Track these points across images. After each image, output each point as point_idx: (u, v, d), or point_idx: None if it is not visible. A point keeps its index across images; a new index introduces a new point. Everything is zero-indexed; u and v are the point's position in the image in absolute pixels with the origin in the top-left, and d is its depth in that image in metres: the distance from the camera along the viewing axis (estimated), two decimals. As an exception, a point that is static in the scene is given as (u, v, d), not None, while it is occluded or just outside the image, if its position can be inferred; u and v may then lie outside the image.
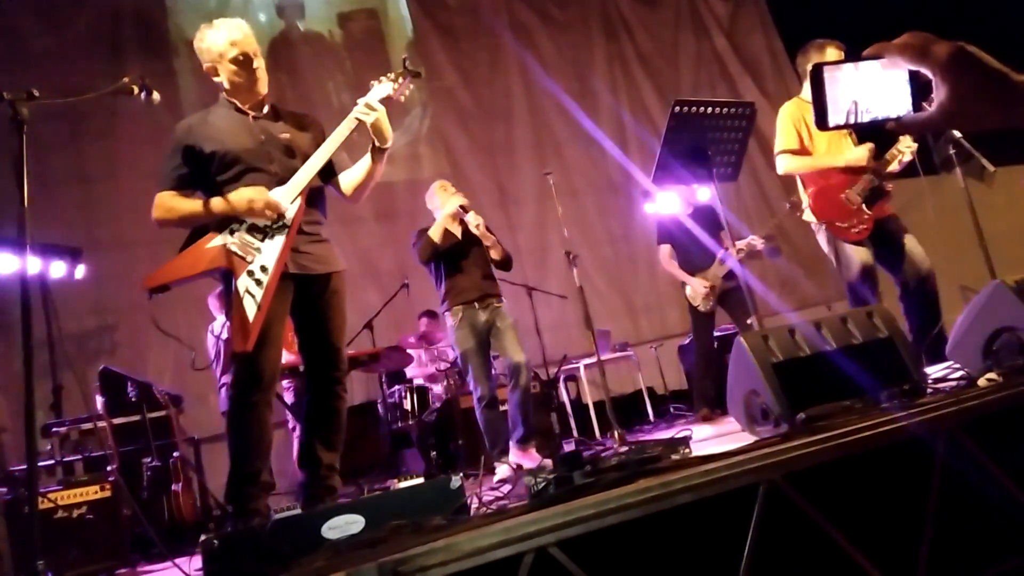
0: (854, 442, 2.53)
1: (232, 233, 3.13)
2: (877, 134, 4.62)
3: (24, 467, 5.34)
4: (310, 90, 8.52)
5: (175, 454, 5.52)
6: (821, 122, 1.20)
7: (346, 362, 3.39)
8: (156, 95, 3.01)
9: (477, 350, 5.08)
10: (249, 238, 3.12)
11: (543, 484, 2.39)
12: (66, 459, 5.65)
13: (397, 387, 6.86)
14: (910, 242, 4.60)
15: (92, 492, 4.54)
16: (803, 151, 4.69)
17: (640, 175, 8.39)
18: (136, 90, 2.95)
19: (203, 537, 2.27)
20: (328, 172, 3.43)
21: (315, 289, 3.30)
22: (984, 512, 2.68)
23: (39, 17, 7.65)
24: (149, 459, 5.57)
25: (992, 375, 2.97)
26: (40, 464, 5.66)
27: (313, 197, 3.35)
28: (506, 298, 7.39)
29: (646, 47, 10.27)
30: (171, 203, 3.20)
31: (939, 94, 1.10)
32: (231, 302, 3.04)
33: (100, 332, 7.34)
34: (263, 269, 3.07)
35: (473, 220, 5.17)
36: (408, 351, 6.68)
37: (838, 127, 1.22)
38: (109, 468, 5.11)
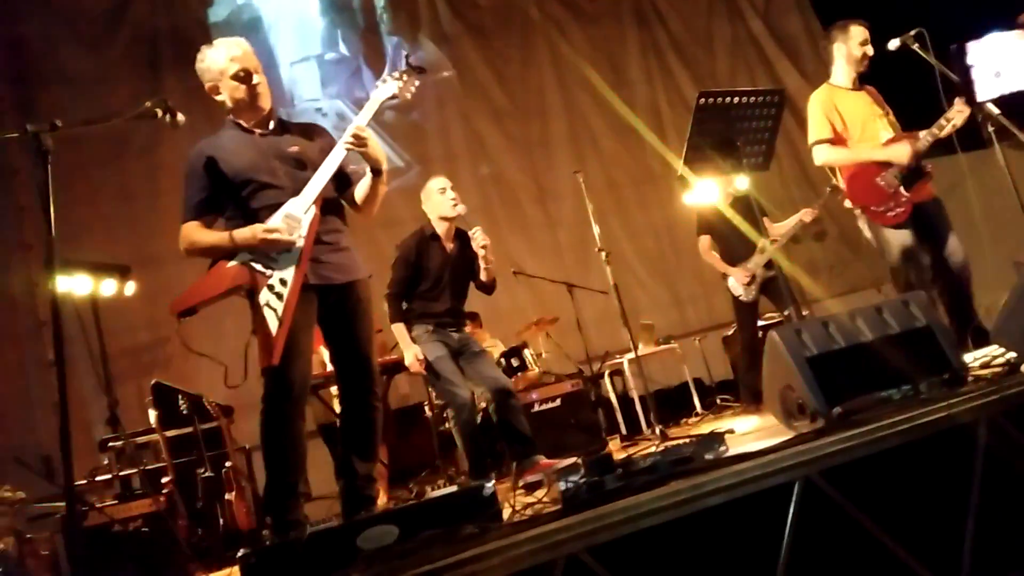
0: (891, 435, 2.48)
1: (252, 250, 3.16)
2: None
3: (82, 482, 5.53)
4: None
5: (227, 464, 5.60)
6: (971, 99, 1.18)
7: (377, 371, 3.41)
8: (180, 116, 3.05)
9: (449, 357, 4.76)
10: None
11: (574, 489, 2.39)
12: (123, 473, 5.78)
13: (444, 387, 6.88)
14: (952, 242, 4.49)
15: (147, 505, 4.63)
16: (838, 139, 4.59)
17: (680, 164, 8.31)
18: (160, 113, 2.99)
19: (241, 552, 2.31)
20: (343, 183, 3.45)
21: (338, 299, 3.33)
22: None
23: (78, 40, 7.83)
24: (203, 470, 5.66)
25: (1038, 359, 2.89)
26: (98, 479, 5.84)
27: (329, 206, 3.36)
28: (549, 294, 7.40)
29: (680, 35, 10.15)
30: (193, 236, 3.25)
31: None
32: (255, 318, 3.07)
33: (153, 346, 7.50)
34: (282, 282, 3.10)
35: (480, 239, 4.69)
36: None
37: (988, 101, 1.19)
38: (164, 480, 5.22)
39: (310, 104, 8.65)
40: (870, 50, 4.57)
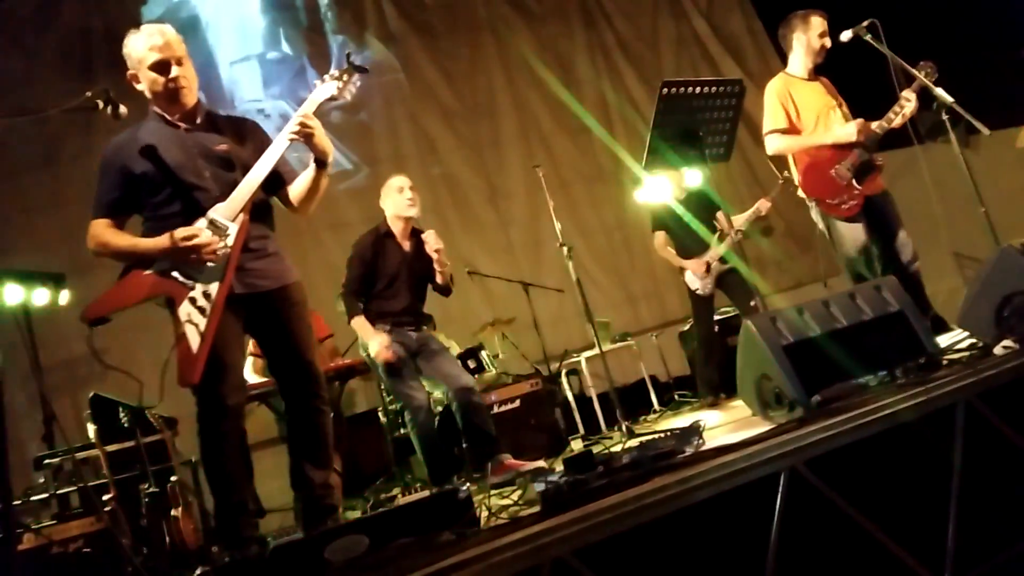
0: (872, 422, 2.44)
1: (172, 258, 2.95)
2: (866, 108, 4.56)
3: (16, 502, 5.25)
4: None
5: (172, 478, 5.38)
6: None
7: (320, 373, 3.23)
8: (123, 109, 2.87)
9: (407, 360, 4.65)
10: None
11: (554, 488, 2.28)
12: (61, 491, 5.51)
13: (398, 393, 6.74)
14: (902, 235, 4.54)
15: (88, 524, 4.40)
16: (792, 129, 4.61)
17: (630, 161, 8.28)
18: (101, 104, 2.80)
19: (199, 571, 2.16)
20: (275, 183, 3.25)
21: (269, 306, 3.15)
22: (1011, 483, 2.60)
23: (7, 39, 7.51)
24: (146, 485, 5.43)
25: (1008, 342, 2.88)
26: (33, 498, 5.56)
27: (258, 211, 3.18)
28: (503, 294, 7.27)
29: (626, 34, 10.16)
30: (104, 237, 3.04)
31: None
32: (175, 332, 2.89)
33: (90, 358, 7.19)
34: (206, 296, 2.92)
35: (433, 243, 4.67)
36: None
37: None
38: (106, 497, 4.99)
39: (252, 105, 8.39)
40: (828, 42, 4.60)
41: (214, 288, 2.92)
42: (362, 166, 8.39)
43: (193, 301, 2.90)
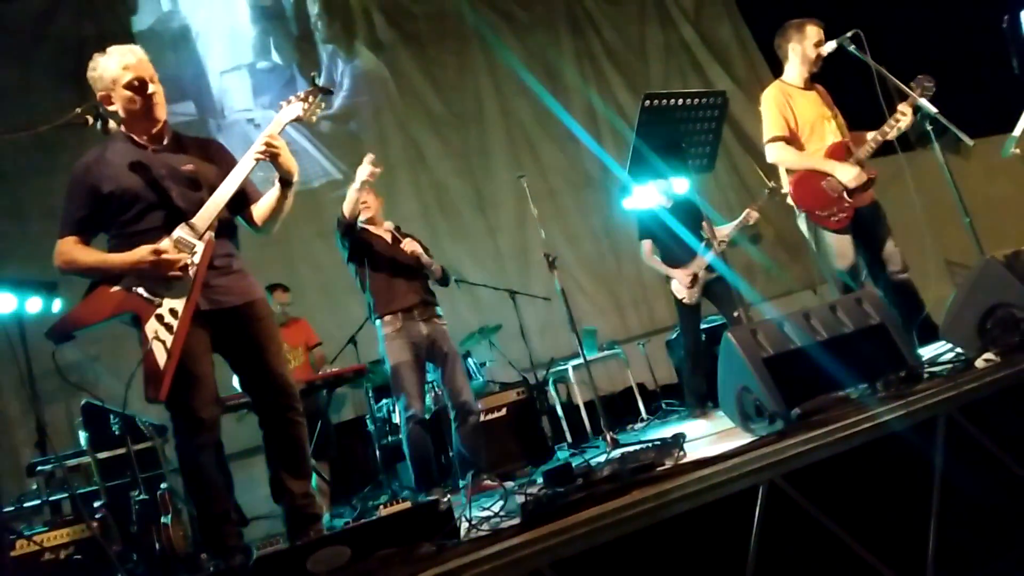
0: (852, 435, 2.46)
1: (139, 274, 2.97)
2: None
3: (8, 509, 5.26)
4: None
5: (163, 485, 5.39)
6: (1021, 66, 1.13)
7: (294, 386, 3.25)
8: (112, 124, 2.90)
9: (413, 364, 4.68)
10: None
11: (534, 501, 2.30)
12: (53, 498, 5.52)
13: (385, 401, 6.76)
14: (889, 246, 4.56)
15: (79, 531, 4.41)
16: (792, 136, 4.61)
17: (617, 169, 8.31)
18: (91, 120, 2.84)
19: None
20: (240, 203, 3.28)
21: (236, 322, 3.17)
22: (990, 496, 2.62)
23: (1, 49, 7.52)
24: (136, 492, 5.44)
25: (989, 355, 2.91)
26: (27, 504, 5.56)
27: (224, 229, 3.20)
28: (491, 302, 7.27)
29: (613, 42, 10.20)
30: (72, 254, 3.06)
31: None
32: (142, 348, 2.91)
33: (82, 365, 7.20)
34: (172, 313, 2.94)
35: (408, 247, 4.81)
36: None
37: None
38: (96, 504, 4.99)
39: (242, 114, 8.41)
40: (824, 50, 4.60)
41: (180, 305, 2.95)
42: (351, 175, 8.40)
43: (160, 318, 2.92)
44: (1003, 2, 6.63)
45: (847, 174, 4.44)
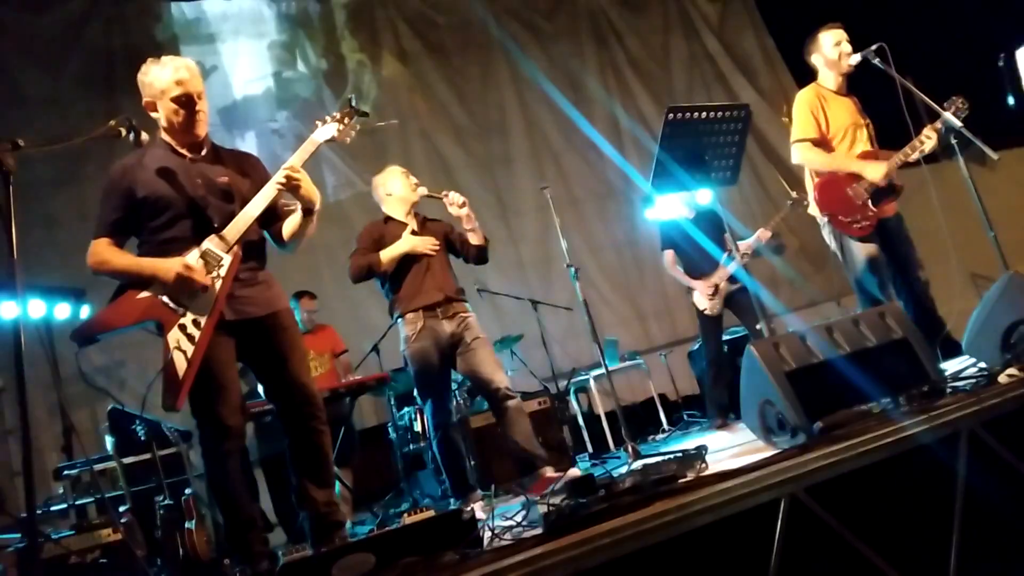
0: (874, 449, 2.47)
1: (167, 284, 3.01)
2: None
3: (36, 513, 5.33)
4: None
5: (187, 491, 5.45)
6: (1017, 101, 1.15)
7: (317, 395, 3.28)
8: (144, 135, 2.96)
9: (439, 368, 4.39)
10: None
11: (556, 511, 2.32)
12: (79, 502, 5.59)
13: (407, 409, 6.79)
14: (913, 258, 4.55)
15: (105, 535, 4.45)
16: (822, 139, 4.60)
17: (640, 179, 8.33)
18: (123, 132, 2.88)
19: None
20: (268, 219, 3.32)
21: (261, 333, 3.21)
22: (1013, 511, 2.61)
23: (33, 61, 7.64)
24: (161, 497, 5.50)
25: (1013, 370, 2.90)
26: (53, 508, 5.64)
27: (251, 242, 3.25)
28: (513, 311, 7.26)
29: (637, 52, 10.23)
30: (104, 255, 3.11)
31: None
32: (164, 356, 2.95)
33: (108, 370, 7.29)
34: (195, 324, 2.98)
35: (457, 199, 4.54)
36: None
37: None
38: (122, 509, 5.05)
39: (267, 124, 8.50)
40: (847, 47, 4.58)
41: (203, 318, 2.99)
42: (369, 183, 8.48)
43: (183, 328, 2.97)
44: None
45: (876, 172, 4.41)
